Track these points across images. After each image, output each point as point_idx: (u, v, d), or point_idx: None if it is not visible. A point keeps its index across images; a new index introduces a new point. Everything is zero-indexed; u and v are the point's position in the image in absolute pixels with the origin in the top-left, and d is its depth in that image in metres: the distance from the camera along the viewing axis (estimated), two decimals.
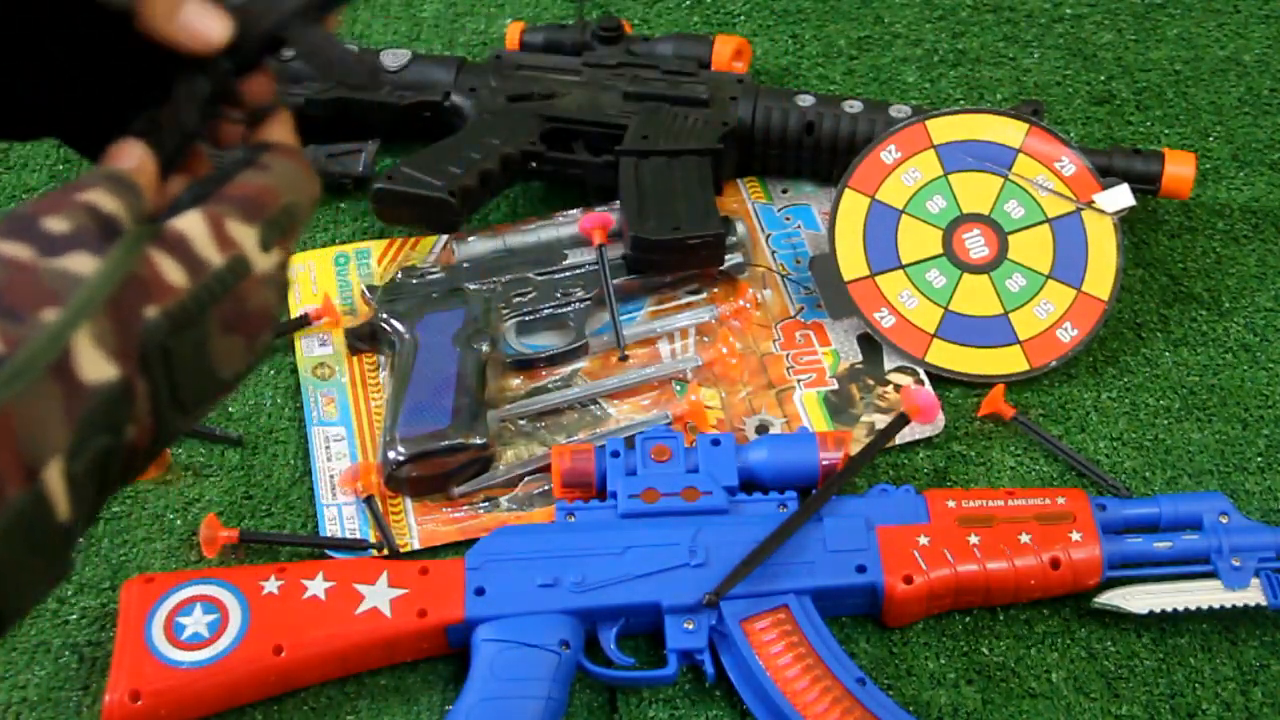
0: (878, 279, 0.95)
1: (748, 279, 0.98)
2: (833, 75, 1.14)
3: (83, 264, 0.48)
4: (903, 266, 0.95)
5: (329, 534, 0.85)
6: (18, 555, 0.45)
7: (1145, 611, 0.79)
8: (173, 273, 0.50)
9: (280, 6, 0.57)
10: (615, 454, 0.84)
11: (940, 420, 0.90)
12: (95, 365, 0.47)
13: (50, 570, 0.47)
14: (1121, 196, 0.95)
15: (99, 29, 0.54)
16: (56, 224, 0.48)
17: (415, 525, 0.86)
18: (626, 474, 0.83)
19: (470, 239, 0.98)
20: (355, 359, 0.94)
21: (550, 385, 0.93)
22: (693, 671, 0.79)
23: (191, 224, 0.51)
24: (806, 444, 0.84)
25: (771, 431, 0.90)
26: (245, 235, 0.53)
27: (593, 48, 1.06)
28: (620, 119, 1.01)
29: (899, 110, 1.00)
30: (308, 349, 0.95)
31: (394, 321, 0.92)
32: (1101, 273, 0.94)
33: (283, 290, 0.55)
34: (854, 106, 1.01)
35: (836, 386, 0.92)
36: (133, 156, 0.54)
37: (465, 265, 0.96)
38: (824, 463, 0.84)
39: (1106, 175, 0.97)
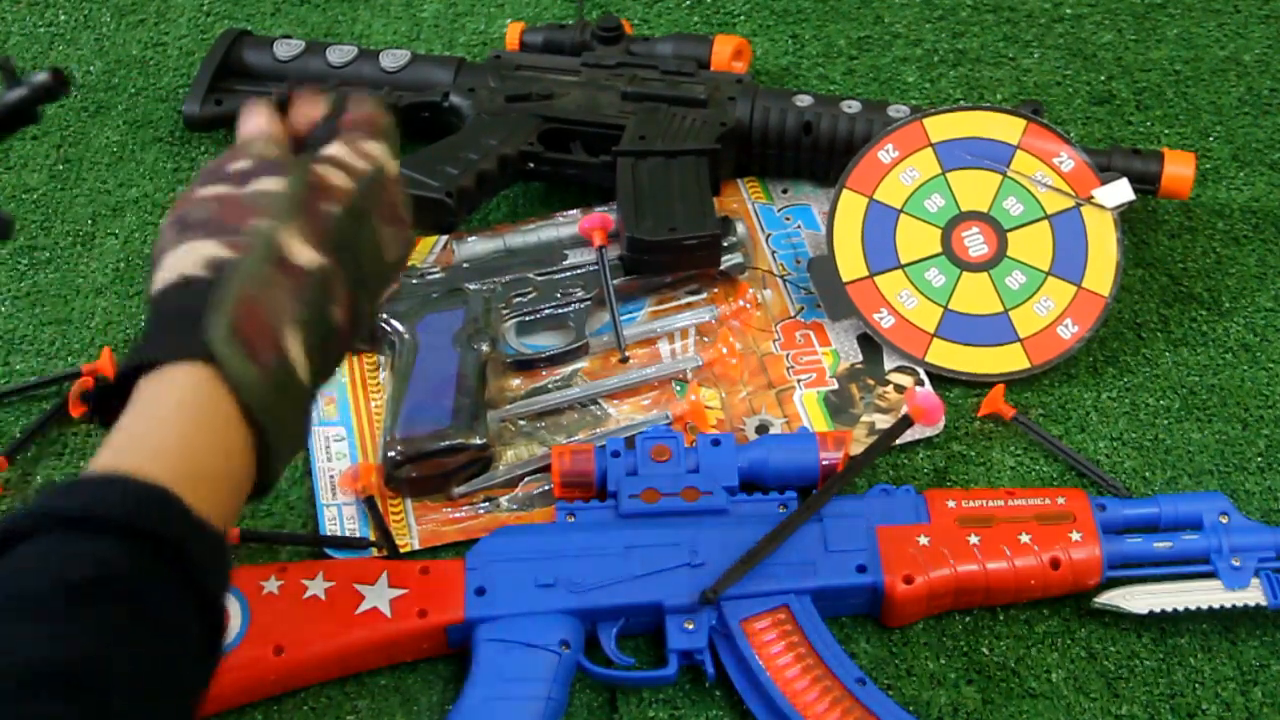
0: (876, 279, 0.95)
1: (748, 279, 0.98)
2: (833, 75, 1.14)
3: (271, 184, 0.61)
4: (902, 266, 0.95)
5: (329, 534, 0.85)
6: (281, 407, 0.56)
7: (1145, 611, 0.79)
8: (337, 178, 0.63)
9: None
10: (615, 454, 0.84)
11: (941, 421, 0.90)
12: (303, 253, 0.59)
13: (299, 424, 0.59)
14: (1120, 191, 0.95)
15: None
16: (239, 165, 0.62)
17: (415, 525, 0.86)
18: (627, 474, 0.83)
19: (470, 239, 0.98)
20: (355, 359, 0.94)
21: (550, 385, 0.93)
22: (693, 671, 0.79)
23: (336, 149, 0.65)
24: (806, 444, 0.84)
25: (771, 431, 0.90)
26: (373, 147, 0.67)
27: (592, 48, 1.06)
28: (618, 119, 1.01)
29: (897, 110, 1.00)
30: None
31: (394, 321, 0.92)
32: (1102, 268, 0.94)
33: (405, 190, 0.69)
34: (852, 107, 1.01)
35: (836, 386, 0.92)
36: (262, 112, 0.68)
37: (465, 265, 0.96)
38: (824, 463, 0.84)
39: (1105, 173, 0.97)
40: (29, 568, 0.48)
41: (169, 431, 0.54)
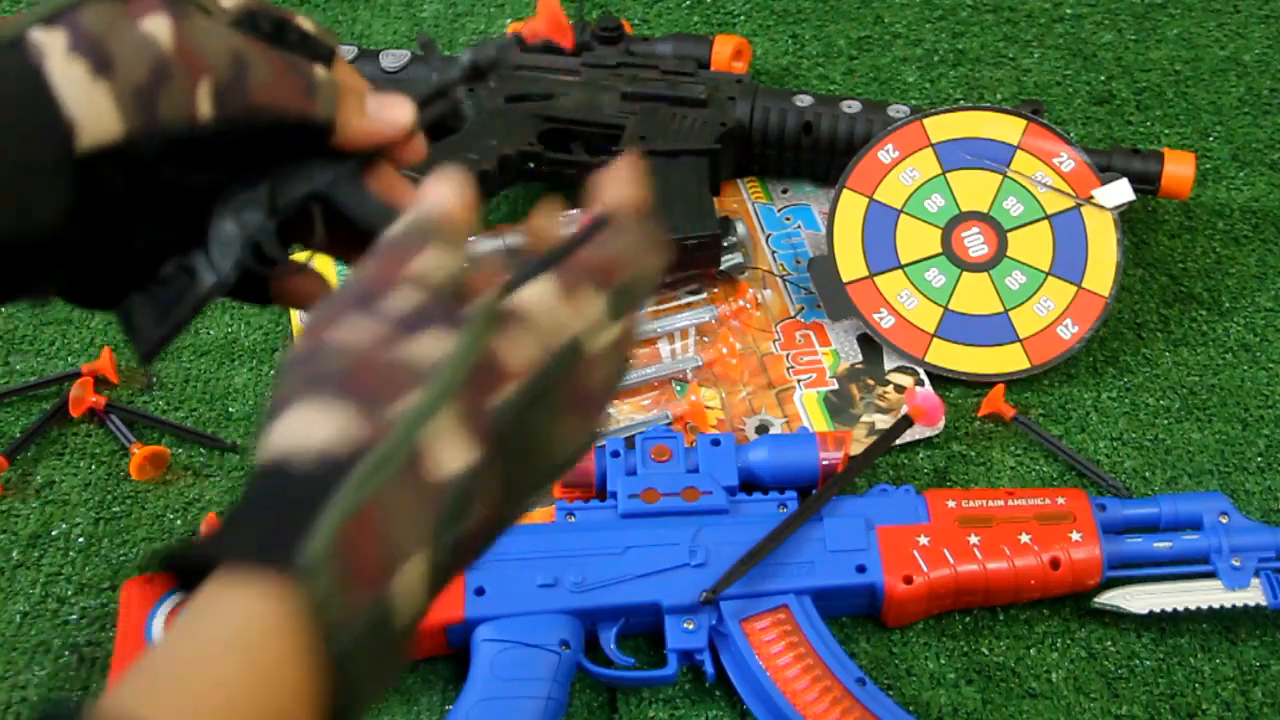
0: (877, 279, 0.95)
1: (748, 279, 0.98)
2: (833, 75, 1.14)
3: (434, 346, 0.46)
4: (902, 266, 0.95)
5: None
6: (371, 652, 0.43)
7: (1145, 611, 0.79)
8: (520, 352, 0.47)
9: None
10: (615, 454, 0.84)
11: (941, 421, 0.90)
12: (451, 456, 0.45)
13: (390, 673, 0.44)
14: (1120, 191, 0.95)
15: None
16: (403, 300, 0.48)
17: None
18: (626, 474, 0.83)
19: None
20: None
21: None
22: (693, 671, 0.79)
23: (541, 295, 0.49)
24: (806, 444, 0.84)
25: (771, 431, 0.90)
26: (594, 306, 0.49)
27: (592, 48, 1.06)
28: (618, 119, 1.01)
29: (897, 110, 1.00)
30: None
31: None
32: (1102, 268, 0.94)
33: (624, 366, 0.52)
34: (852, 106, 1.01)
35: (836, 386, 0.92)
36: (453, 185, 0.56)
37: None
38: (824, 463, 0.84)
39: (1105, 173, 0.97)
40: None
41: (218, 682, 0.40)
